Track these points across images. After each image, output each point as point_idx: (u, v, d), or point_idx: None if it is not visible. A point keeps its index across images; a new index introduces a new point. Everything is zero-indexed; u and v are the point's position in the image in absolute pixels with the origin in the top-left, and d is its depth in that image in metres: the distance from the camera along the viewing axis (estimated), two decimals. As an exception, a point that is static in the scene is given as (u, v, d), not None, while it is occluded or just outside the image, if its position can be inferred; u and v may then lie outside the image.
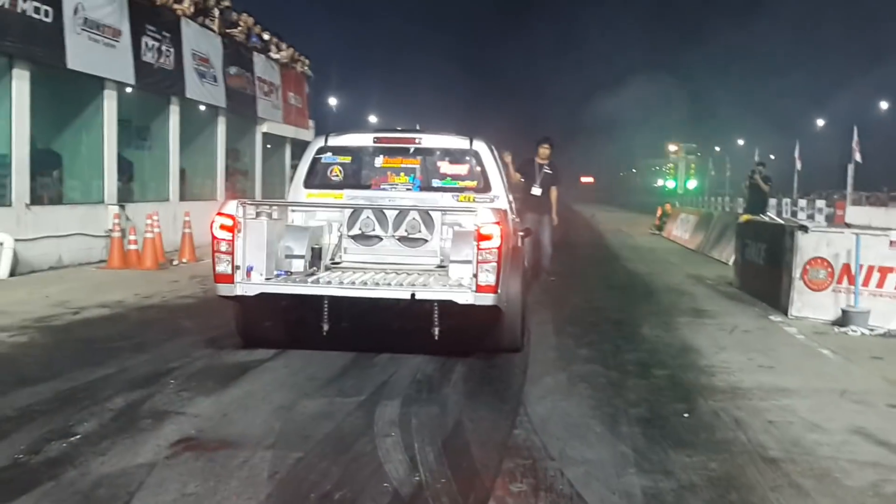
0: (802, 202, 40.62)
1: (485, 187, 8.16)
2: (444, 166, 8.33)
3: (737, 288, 12.43)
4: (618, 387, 6.35)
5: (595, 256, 18.95)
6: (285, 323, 7.18)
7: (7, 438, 4.74)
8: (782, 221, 11.50)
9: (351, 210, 7.82)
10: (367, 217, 7.71)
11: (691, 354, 7.65)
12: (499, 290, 6.35)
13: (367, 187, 8.29)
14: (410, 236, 7.71)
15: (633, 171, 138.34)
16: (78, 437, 4.82)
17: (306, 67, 26.94)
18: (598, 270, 15.59)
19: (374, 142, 8.39)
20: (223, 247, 6.64)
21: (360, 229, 7.75)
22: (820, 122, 71.06)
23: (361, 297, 6.53)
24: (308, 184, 8.30)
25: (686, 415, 5.60)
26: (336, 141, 8.46)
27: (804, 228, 9.96)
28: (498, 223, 6.39)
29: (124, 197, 15.39)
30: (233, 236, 6.65)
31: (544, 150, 12.39)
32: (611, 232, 28.61)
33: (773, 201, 34.84)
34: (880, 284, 9.19)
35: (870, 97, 64.66)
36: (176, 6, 17.28)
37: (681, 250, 20.91)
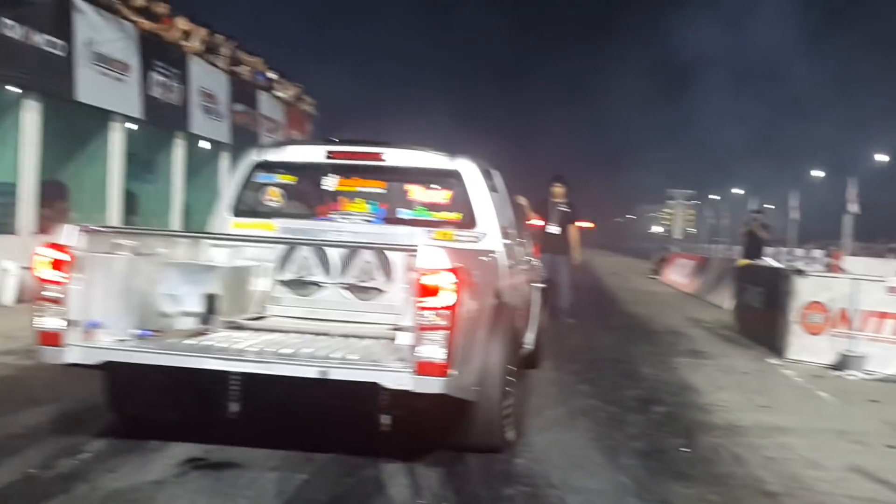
0: (800, 251, 40.92)
1: (469, 221, 6.23)
2: (417, 192, 6.44)
3: (735, 331, 12.51)
4: (617, 421, 6.42)
5: (593, 298, 19.02)
6: (177, 395, 5.11)
7: (19, 454, 4.82)
8: (780, 265, 11.64)
9: (284, 247, 6.13)
10: (305, 257, 6.07)
11: (689, 393, 7.73)
12: (452, 371, 4.40)
13: (310, 217, 6.49)
14: (362, 285, 6.02)
15: (633, 217, 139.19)
16: (88, 454, 4.90)
17: (310, 106, 27.26)
18: (597, 311, 15.66)
19: (328, 157, 6.47)
20: (51, 292, 4.71)
21: (295, 273, 6.10)
22: (819, 173, 71.61)
23: (248, 372, 4.56)
24: (236, 210, 6.48)
25: (685, 449, 5.68)
26: (276, 155, 6.65)
27: (801, 273, 10.10)
28: (454, 270, 4.40)
29: (128, 229, 15.51)
30: (67, 277, 4.70)
31: (558, 189, 12.47)
32: (609, 275, 28.75)
33: (771, 250, 35.19)
34: (878, 329, 9.29)
35: (871, 146, 65.28)
36: (185, 44, 17.56)
37: (678, 294, 21.04)
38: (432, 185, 6.42)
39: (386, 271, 6.01)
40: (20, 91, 12.69)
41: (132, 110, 15.43)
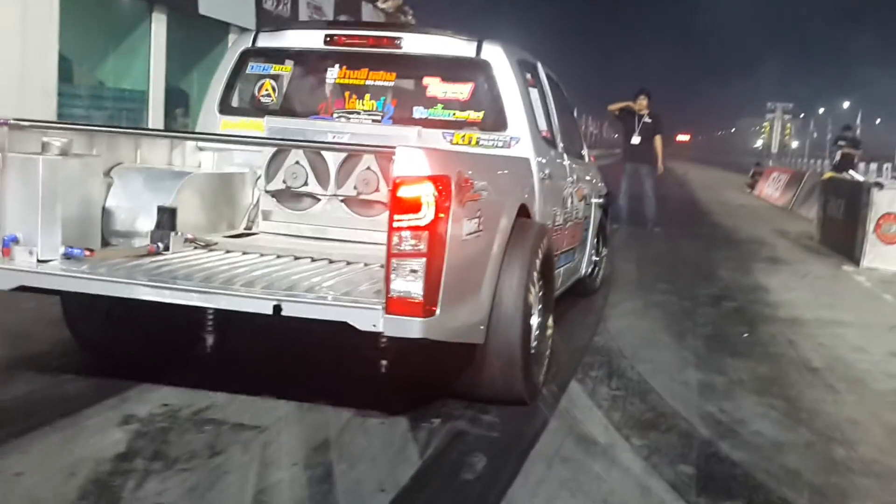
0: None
1: (498, 123, 5.22)
2: (435, 86, 5.43)
3: (817, 242, 13.01)
4: (689, 313, 7.22)
5: (683, 210, 19.52)
6: (135, 325, 4.50)
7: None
8: (862, 179, 12.02)
9: (271, 151, 5.12)
10: (297, 163, 5.07)
11: (761, 292, 8.43)
12: (437, 310, 3.61)
13: (308, 115, 5.52)
14: (363, 197, 4.97)
15: (733, 130, 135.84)
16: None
17: (410, 17, 27.85)
18: (685, 222, 16.23)
19: (326, 42, 5.45)
20: None
21: (284, 182, 5.11)
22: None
23: (188, 304, 3.81)
24: (224, 107, 5.61)
25: (746, 335, 6.45)
26: (269, 41, 5.68)
27: (879, 185, 10.56)
28: (436, 179, 3.58)
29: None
30: None
31: (642, 101, 13.06)
32: (703, 189, 28.95)
33: (872, 165, 34.56)
34: (949, 239, 9.78)
35: None
36: (293, -44, 18.35)
37: (770, 208, 21.33)
38: (453, 78, 5.37)
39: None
40: (149, 5, 13.80)
41: (247, 22, 16.40)
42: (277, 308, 3.67)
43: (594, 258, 7.50)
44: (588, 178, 7.10)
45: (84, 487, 3.13)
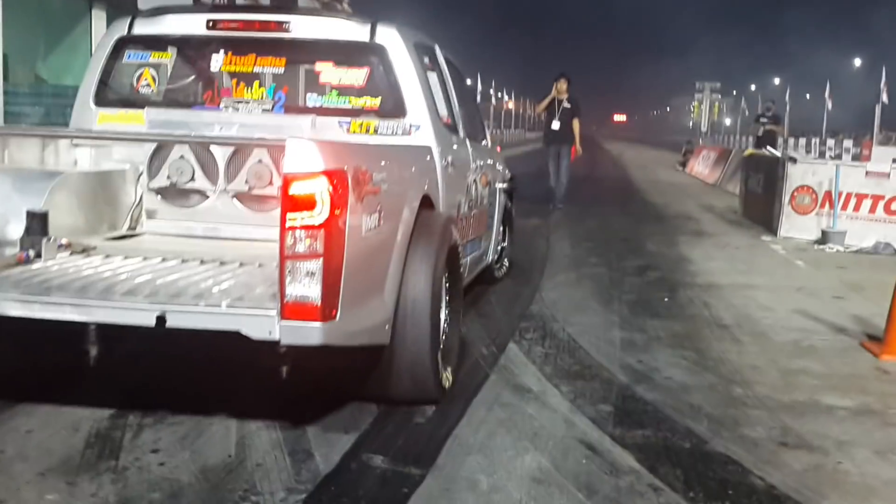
0: (831, 142, 41.48)
1: (396, 110, 5.00)
2: (328, 72, 5.19)
3: (740, 215, 13.84)
4: (616, 282, 7.88)
5: (616, 189, 20.36)
6: (25, 339, 4.08)
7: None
8: (778, 155, 12.85)
9: (153, 145, 4.87)
10: (182, 157, 4.82)
11: (683, 262, 9.14)
12: (338, 314, 3.37)
13: (193, 105, 5.27)
14: (255, 192, 4.76)
15: (668, 109, 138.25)
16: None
17: (346, 5, 28.16)
18: (617, 200, 17.00)
19: (209, 27, 5.10)
20: None
21: (169, 178, 4.84)
22: (856, 62, 71.08)
23: (60, 319, 3.46)
24: (100, 99, 5.22)
25: (666, 299, 7.12)
26: (147, 27, 5.21)
27: (793, 160, 11.37)
28: (331, 174, 3.33)
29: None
30: None
31: (562, 85, 13.72)
32: (636, 168, 29.94)
33: (800, 140, 35.84)
34: (856, 209, 10.64)
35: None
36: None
37: (699, 185, 22.29)
38: (347, 63, 5.11)
39: None
40: (88, 2, 14.06)
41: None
42: (161, 319, 3.40)
43: (501, 245, 7.45)
44: (492, 163, 6.93)
45: None
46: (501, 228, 7.41)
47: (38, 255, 4.01)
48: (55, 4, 14.08)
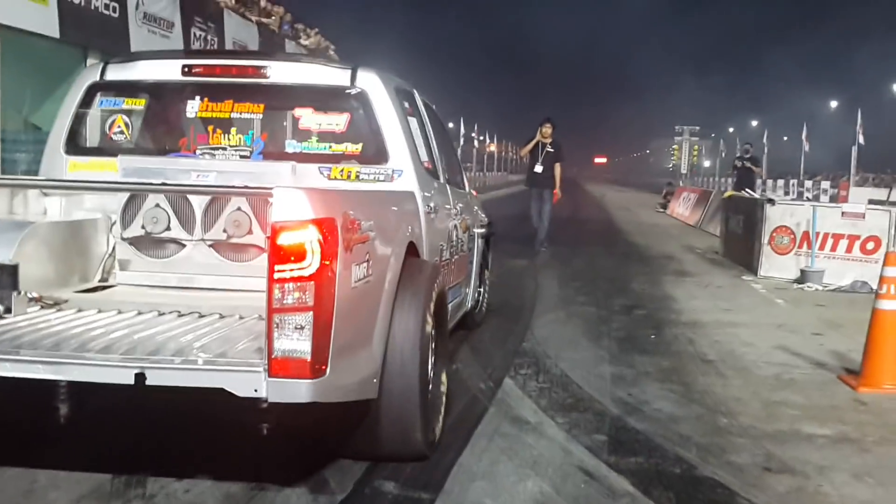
0: (808, 183, 42.35)
1: (378, 155, 4.92)
2: (308, 118, 5.08)
3: (721, 255, 14.19)
4: (605, 320, 8.16)
5: (600, 230, 20.73)
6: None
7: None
8: (757, 196, 13.21)
9: (127, 194, 4.73)
10: (157, 206, 4.68)
11: (668, 301, 9.44)
12: (328, 369, 3.23)
13: (168, 152, 5.10)
14: (234, 240, 4.61)
15: (647, 151, 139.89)
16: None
17: (332, 52, 28.72)
18: (602, 241, 17.33)
19: (184, 73, 5.00)
20: None
21: (143, 227, 4.71)
22: (833, 104, 72.42)
23: (34, 378, 3.30)
24: (71, 147, 5.09)
25: (653, 336, 7.40)
26: (120, 72, 5.11)
27: (771, 201, 11.75)
28: (321, 223, 3.21)
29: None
30: None
31: (546, 130, 14.07)
32: (618, 209, 30.39)
33: (779, 182, 36.67)
34: (833, 248, 10.98)
35: (880, 79, 66.05)
36: (220, -1, 19.08)
37: (681, 226, 22.68)
38: (328, 108, 5.03)
39: (265, 224, 4.25)
40: (83, 50, 14.36)
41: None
42: (140, 377, 3.20)
43: (478, 290, 7.28)
44: (470, 207, 6.87)
45: None
46: (479, 272, 7.29)
47: (8, 311, 3.86)
48: (50, 52, 14.38)
